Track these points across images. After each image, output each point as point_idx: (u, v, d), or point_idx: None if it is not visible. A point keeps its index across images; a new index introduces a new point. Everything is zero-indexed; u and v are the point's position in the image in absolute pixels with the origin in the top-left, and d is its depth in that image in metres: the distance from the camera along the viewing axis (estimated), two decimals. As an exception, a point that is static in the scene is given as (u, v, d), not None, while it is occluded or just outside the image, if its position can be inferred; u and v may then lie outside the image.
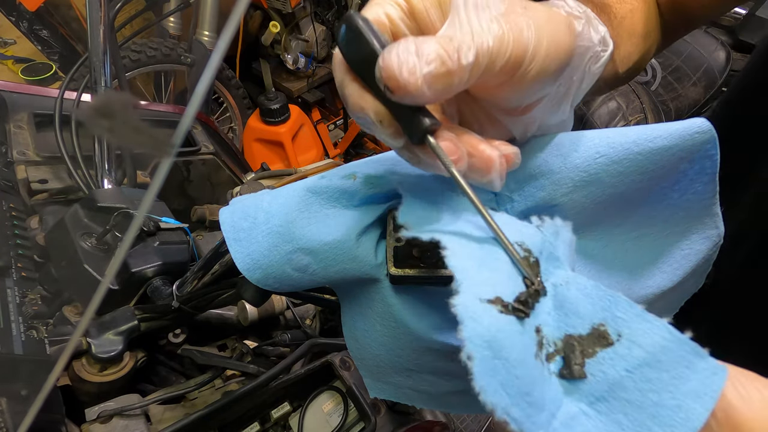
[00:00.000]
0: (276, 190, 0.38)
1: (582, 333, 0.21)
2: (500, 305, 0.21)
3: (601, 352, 0.20)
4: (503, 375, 0.19)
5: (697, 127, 0.32)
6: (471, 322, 0.20)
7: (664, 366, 0.19)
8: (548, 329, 0.21)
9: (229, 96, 2.10)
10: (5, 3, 1.80)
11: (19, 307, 0.62)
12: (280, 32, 2.21)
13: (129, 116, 0.22)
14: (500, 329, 0.20)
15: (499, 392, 0.19)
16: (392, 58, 0.23)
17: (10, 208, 0.75)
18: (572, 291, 0.22)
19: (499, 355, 0.19)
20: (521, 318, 0.21)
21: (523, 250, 0.24)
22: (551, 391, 0.20)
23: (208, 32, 1.81)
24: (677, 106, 1.81)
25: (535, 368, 0.20)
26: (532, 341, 0.21)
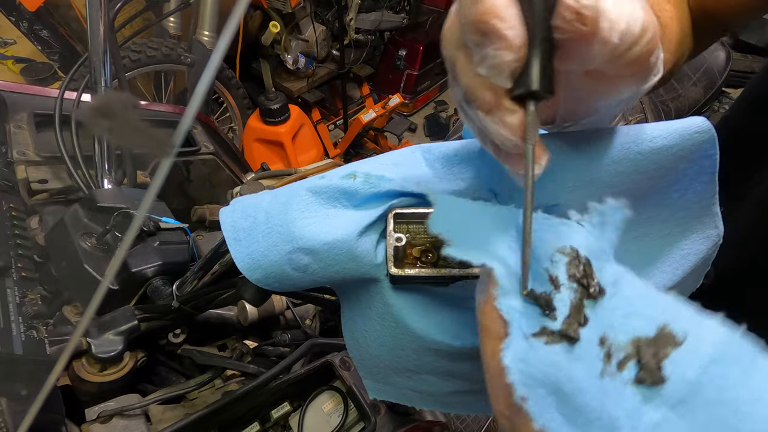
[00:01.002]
0: (276, 190, 0.38)
1: (650, 335, 0.19)
2: (546, 335, 0.20)
3: (673, 352, 0.19)
4: (565, 409, 0.18)
5: (696, 126, 0.32)
6: (517, 365, 0.19)
7: (732, 361, 0.18)
8: (614, 333, 0.20)
9: (229, 96, 2.10)
10: (5, 3, 1.80)
11: (19, 307, 0.62)
12: (280, 32, 2.21)
13: (129, 116, 0.22)
14: (551, 363, 0.19)
15: (563, 427, 0.18)
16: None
17: (10, 208, 0.75)
18: (627, 290, 0.21)
19: (556, 389, 0.18)
20: (572, 343, 0.20)
21: (564, 254, 0.22)
22: (628, 402, 0.19)
23: (208, 32, 1.81)
24: (677, 106, 1.81)
25: (601, 388, 0.19)
26: (595, 358, 0.19)
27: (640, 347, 0.19)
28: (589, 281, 0.21)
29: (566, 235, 0.23)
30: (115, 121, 0.22)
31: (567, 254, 0.22)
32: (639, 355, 0.19)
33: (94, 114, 0.22)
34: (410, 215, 0.36)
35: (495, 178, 0.36)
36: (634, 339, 0.19)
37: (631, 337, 0.19)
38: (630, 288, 0.21)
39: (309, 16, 2.29)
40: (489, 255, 0.23)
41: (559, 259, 0.22)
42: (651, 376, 0.19)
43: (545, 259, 0.22)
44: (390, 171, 0.36)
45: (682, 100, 1.79)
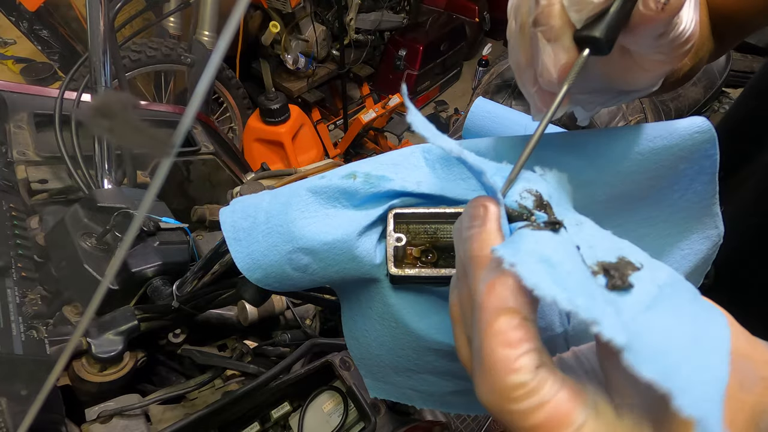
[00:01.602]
0: (276, 190, 0.38)
1: (612, 261, 0.22)
2: (533, 225, 0.22)
3: (633, 273, 0.21)
4: (553, 273, 0.19)
5: (697, 126, 0.32)
6: (510, 246, 0.21)
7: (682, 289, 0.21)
8: (586, 252, 0.22)
9: (229, 96, 2.10)
10: (5, 3, 1.80)
11: (19, 307, 0.62)
12: (280, 32, 2.21)
13: (129, 116, 0.22)
14: (538, 240, 0.21)
15: (553, 287, 0.19)
16: None
17: (10, 208, 0.75)
18: (589, 230, 0.24)
19: (545, 257, 0.20)
20: (556, 230, 0.22)
21: (530, 194, 0.25)
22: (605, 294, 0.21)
23: (208, 32, 1.81)
24: (677, 106, 1.81)
25: (583, 269, 0.21)
26: (575, 251, 0.22)
27: (607, 266, 0.22)
28: (550, 217, 0.24)
29: (532, 180, 0.26)
30: (115, 121, 0.22)
31: (533, 194, 0.25)
32: (607, 270, 0.21)
33: (94, 114, 0.22)
34: (410, 215, 0.36)
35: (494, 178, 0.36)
36: (599, 262, 0.22)
37: (596, 261, 0.22)
38: (591, 229, 0.24)
39: (309, 16, 2.29)
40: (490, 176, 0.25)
41: (527, 196, 0.25)
42: (621, 281, 0.21)
43: (516, 194, 0.25)
44: (390, 171, 0.36)
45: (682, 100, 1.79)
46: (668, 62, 0.28)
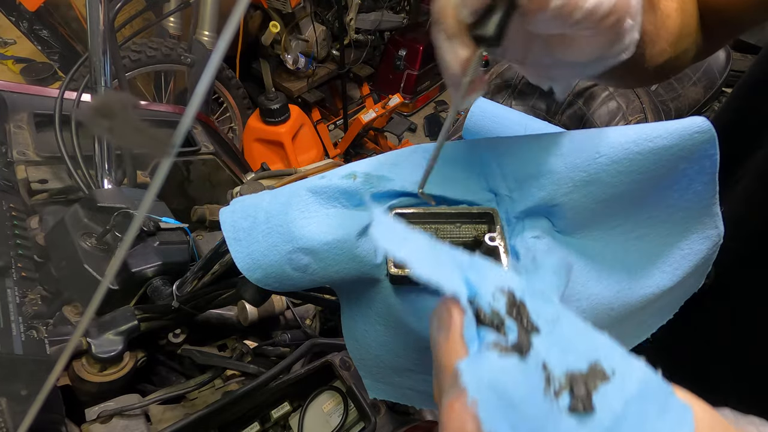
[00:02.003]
0: (276, 190, 0.38)
1: (582, 370, 0.21)
2: (500, 347, 0.22)
3: (601, 386, 0.21)
4: (513, 417, 0.19)
5: (696, 126, 0.32)
6: (470, 372, 0.20)
7: (651, 399, 0.20)
8: (551, 365, 0.22)
9: (229, 96, 2.10)
10: (5, 3, 1.80)
11: (19, 307, 0.62)
12: (280, 32, 2.21)
13: (129, 116, 0.22)
14: (503, 370, 0.21)
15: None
16: None
17: (10, 208, 0.75)
18: (565, 328, 0.23)
19: (505, 396, 0.20)
20: (523, 356, 0.21)
21: (503, 294, 0.24)
22: (564, 425, 0.20)
23: (208, 32, 1.81)
24: (677, 106, 1.80)
25: (544, 405, 0.20)
26: (539, 378, 0.21)
27: (573, 380, 0.21)
28: (525, 319, 0.23)
29: (504, 277, 0.25)
30: (115, 121, 0.22)
31: (505, 294, 0.24)
32: (572, 387, 0.21)
33: (94, 114, 0.22)
34: (410, 215, 0.36)
35: (494, 179, 0.36)
36: (568, 373, 0.21)
37: (566, 371, 0.21)
38: (568, 326, 0.23)
39: (309, 16, 2.29)
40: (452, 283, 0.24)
41: (499, 297, 0.24)
42: (582, 405, 0.20)
43: (488, 294, 0.24)
44: (390, 171, 0.36)
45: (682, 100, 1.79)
46: (600, 35, 0.29)
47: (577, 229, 0.36)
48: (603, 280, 0.36)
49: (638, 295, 0.37)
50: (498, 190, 0.36)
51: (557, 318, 0.23)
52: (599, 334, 0.22)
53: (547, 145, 0.35)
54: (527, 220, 0.36)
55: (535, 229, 0.35)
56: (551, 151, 0.34)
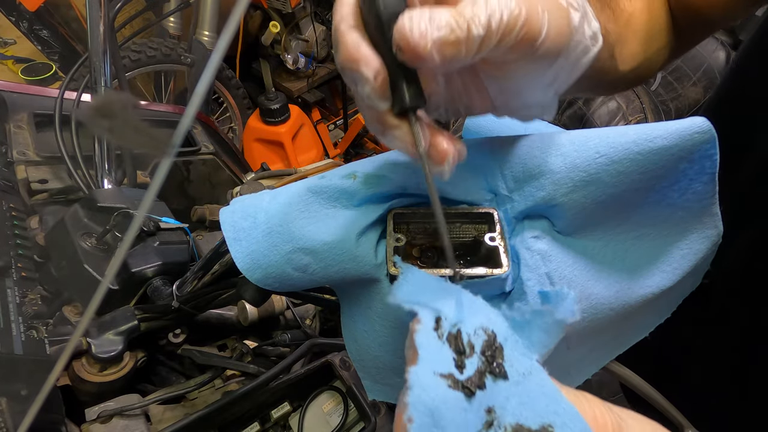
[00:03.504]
0: (276, 190, 0.38)
1: (532, 428, 0.22)
2: (451, 381, 0.22)
3: None
4: None
5: (696, 126, 0.32)
6: (418, 389, 0.21)
7: None
8: (503, 413, 0.22)
9: (229, 96, 2.10)
10: (5, 3, 1.80)
11: (19, 307, 0.62)
12: (280, 32, 2.21)
13: (129, 116, 0.22)
14: (445, 401, 0.21)
15: None
16: (406, 19, 0.24)
17: (10, 208, 0.75)
18: (533, 384, 0.23)
19: (439, 424, 0.21)
20: (469, 396, 0.22)
21: (485, 332, 0.24)
22: None
23: (208, 32, 1.81)
24: (677, 106, 1.81)
25: None
26: (478, 419, 0.22)
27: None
28: (495, 362, 0.24)
29: (492, 320, 0.25)
30: (115, 121, 0.22)
31: (487, 334, 0.24)
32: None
33: (94, 114, 0.22)
34: (410, 215, 0.36)
35: (494, 179, 0.36)
36: (517, 425, 0.22)
37: (515, 422, 0.22)
38: (537, 385, 0.23)
39: (309, 16, 2.29)
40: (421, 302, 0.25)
41: (480, 334, 0.24)
42: None
43: (471, 327, 0.24)
44: (390, 171, 0.36)
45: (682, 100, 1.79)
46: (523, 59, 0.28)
47: (577, 229, 0.36)
48: (603, 280, 0.36)
49: (638, 295, 0.37)
50: (498, 190, 0.36)
51: (529, 372, 0.24)
52: (566, 403, 0.22)
53: (547, 145, 0.35)
54: (527, 220, 0.36)
55: (535, 229, 0.35)
56: (551, 151, 0.34)
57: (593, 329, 0.37)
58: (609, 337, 0.41)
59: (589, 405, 0.23)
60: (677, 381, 0.60)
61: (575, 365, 0.41)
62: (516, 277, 0.34)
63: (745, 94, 0.50)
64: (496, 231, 0.34)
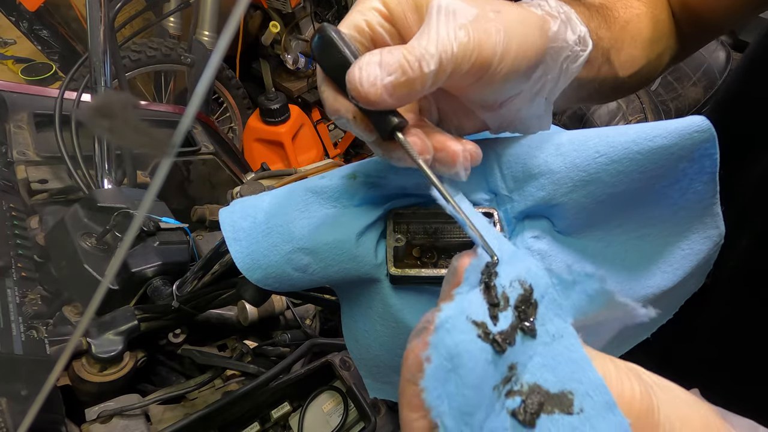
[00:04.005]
0: (276, 190, 0.38)
1: (551, 390, 0.21)
2: (482, 331, 0.21)
3: (557, 414, 0.20)
4: (452, 388, 0.20)
5: (696, 126, 0.32)
6: (445, 330, 0.20)
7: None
8: (523, 370, 0.22)
9: (229, 96, 2.10)
10: (5, 3, 1.80)
11: (19, 307, 0.62)
12: (280, 32, 2.21)
13: (129, 116, 0.22)
14: (470, 350, 0.20)
15: (441, 399, 0.19)
16: (355, 71, 0.25)
17: (10, 208, 0.75)
18: (560, 348, 0.23)
19: (457, 371, 0.20)
20: (498, 352, 0.21)
21: (521, 286, 0.24)
22: (497, 422, 0.20)
23: (208, 32, 1.81)
24: (677, 106, 1.81)
25: (488, 397, 0.21)
26: (498, 373, 0.21)
27: (534, 392, 0.21)
28: (527, 318, 0.23)
29: (533, 273, 0.24)
30: (115, 121, 0.22)
31: (524, 288, 0.24)
32: (528, 397, 0.21)
33: (94, 114, 0.22)
34: (410, 215, 0.36)
35: (494, 179, 0.36)
36: (535, 385, 0.21)
37: (534, 382, 0.21)
38: (566, 349, 0.23)
39: (309, 16, 2.29)
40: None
41: (516, 286, 0.23)
42: (524, 417, 0.20)
43: (506, 279, 0.23)
44: (390, 171, 0.36)
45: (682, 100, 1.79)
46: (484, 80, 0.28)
47: (577, 229, 0.36)
48: (603, 280, 0.36)
49: (639, 296, 0.37)
50: (498, 190, 0.36)
51: (560, 335, 0.23)
52: (593, 372, 0.22)
53: (547, 144, 0.35)
54: (527, 220, 0.36)
55: (535, 229, 0.35)
56: (551, 150, 0.34)
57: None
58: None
59: (617, 376, 0.22)
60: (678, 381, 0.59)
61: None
62: (516, 277, 0.34)
63: (752, 95, 0.50)
64: None
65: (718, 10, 0.44)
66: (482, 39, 0.26)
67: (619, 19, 0.41)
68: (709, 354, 0.57)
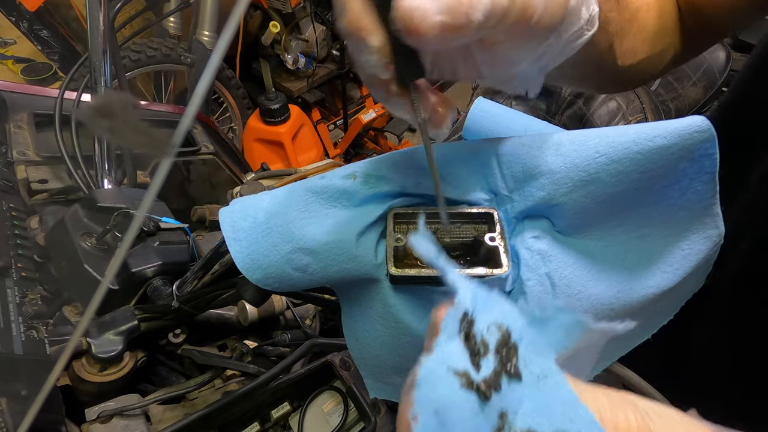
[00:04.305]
0: (276, 190, 0.38)
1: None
2: (465, 380, 0.21)
3: None
4: None
5: (696, 125, 0.32)
6: (427, 386, 0.20)
7: None
8: (515, 417, 0.21)
9: (229, 96, 2.10)
10: (5, 3, 1.80)
11: (19, 307, 0.62)
12: (280, 32, 2.21)
13: (129, 116, 0.22)
14: (456, 402, 0.20)
15: None
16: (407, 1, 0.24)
17: (10, 208, 0.75)
18: (548, 388, 0.22)
19: (445, 426, 0.20)
20: (483, 400, 0.21)
21: (498, 330, 0.23)
22: None
23: (208, 32, 1.81)
24: (677, 106, 1.81)
25: None
26: (489, 424, 0.21)
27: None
28: (509, 362, 0.22)
29: (508, 315, 0.24)
30: (115, 121, 0.22)
31: (501, 332, 0.23)
32: None
33: (94, 114, 0.22)
34: (410, 215, 0.36)
35: (494, 179, 0.36)
36: (529, 430, 0.20)
37: (527, 428, 0.20)
38: (554, 388, 0.22)
39: (309, 16, 2.29)
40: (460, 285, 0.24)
41: (494, 331, 0.23)
42: None
43: (483, 324, 0.23)
44: (390, 171, 0.36)
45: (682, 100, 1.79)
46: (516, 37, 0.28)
47: (577, 229, 0.36)
48: (604, 281, 0.36)
49: (639, 296, 0.37)
50: (498, 190, 0.36)
51: (545, 375, 0.22)
52: (584, 409, 0.21)
53: (547, 144, 0.35)
54: (527, 220, 0.36)
55: (535, 229, 0.35)
56: (551, 150, 0.34)
57: (594, 330, 0.36)
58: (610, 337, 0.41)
59: (611, 409, 0.22)
60: (677, 381, 0.59)
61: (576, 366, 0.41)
62: (516, 277, 0.34)
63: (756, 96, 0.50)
64: (496, 231, 0.34)
65: (722, 7, 0.44)
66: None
67: (631, 5, 0.40)
68: (708, 354, 0.57)
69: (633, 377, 0.58)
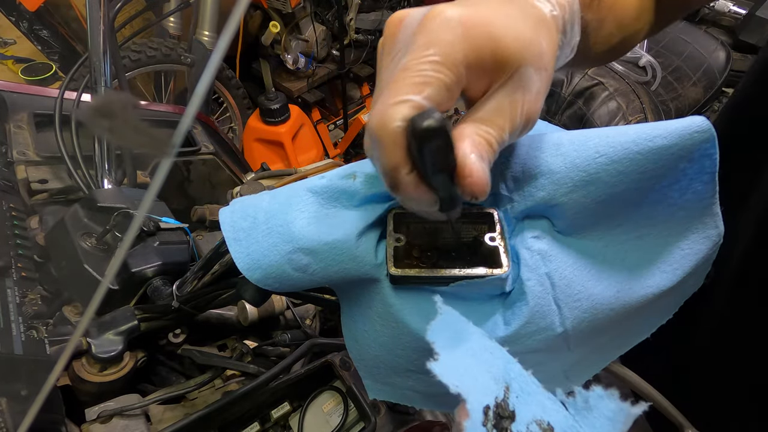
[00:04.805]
0: (276, 190, 0.38)
1: None
2: None
3: None
4: None
5: (696, 126, 0.32)
6: None
7: None
8: None
9: (229, 96, 2.10)
10: (5, 3, 1.80)
11: (19, 307, 0.62)
12: (280, 32, 2.21)
13: (129, 116, 0.22)
14: None
15: None
16: (471, 169, 0.27)
17: (10, 208, 0.75)
18: None
19: None
20: None
21: (540, 427, 0.22)
22: None
23: (208, 32, 1.81)
24: (677, 106, 1.80)
25: None
26: None
27: None
28: None
29: (549, 410, 0.23)
30: (115, 121, 0.22)
31: (543, 429, 0.22)
32: None
33: (94, 114, 0.22)
34: (410, 215, 0.36)
35: (494, 179, 0.36)
36: None
37: None
38: None
39: (309, 16, 2.29)
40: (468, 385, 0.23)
41: (534, 429, 0.22)
42: None
43: (523, 423, 0.22)
44: None
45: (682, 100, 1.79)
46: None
47: (577, 229, 0.36)
48: (603, 280, 0.36)
49: (639, 295, 0.37)
50: (498, 190, 0.36)
51: None
52: None
53: (547, 145, 0.35)
54: (527, 220, 0.36)
55: (535, 229, 0.35)
56: (551, 151, 0.34)
57: (594, 330, 0.37)
58: (610, 337, 0.41)
59: None
60: (677, 381, 0.60)
61: (576, 366, 0.41)
62: (516, 277, 0.34)
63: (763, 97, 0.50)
64: (496, 231, 0.34)
65: None
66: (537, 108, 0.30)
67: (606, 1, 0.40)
68: (708, 354, 0.57)
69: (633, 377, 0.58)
